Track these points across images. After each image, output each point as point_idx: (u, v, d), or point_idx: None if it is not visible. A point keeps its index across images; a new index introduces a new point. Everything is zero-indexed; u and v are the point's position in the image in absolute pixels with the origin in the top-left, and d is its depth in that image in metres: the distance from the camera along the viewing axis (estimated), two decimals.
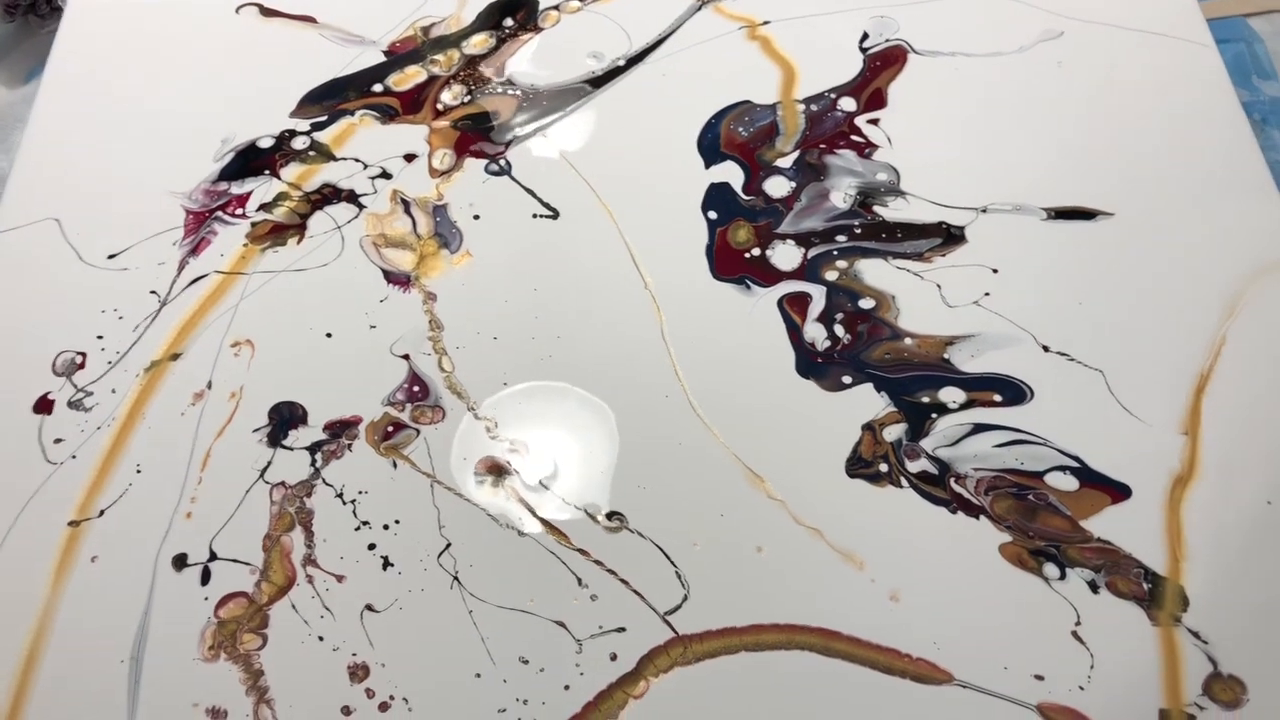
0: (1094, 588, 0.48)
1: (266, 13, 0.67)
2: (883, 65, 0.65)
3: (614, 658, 0.47)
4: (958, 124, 0.62)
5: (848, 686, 0.46)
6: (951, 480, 0.51)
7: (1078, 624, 0.47)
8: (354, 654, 0.46)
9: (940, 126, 0.62)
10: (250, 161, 0.60)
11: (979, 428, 0.52)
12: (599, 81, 0.64)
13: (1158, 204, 0.59)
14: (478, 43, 0.65)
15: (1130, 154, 0.61)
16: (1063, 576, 0.48)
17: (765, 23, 0.66)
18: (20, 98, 0.76)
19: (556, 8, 0.67)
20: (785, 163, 0.61)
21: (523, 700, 0.46)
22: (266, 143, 0.61)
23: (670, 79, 0.64)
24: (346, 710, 0.45)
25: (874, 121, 0.62)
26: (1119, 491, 0.51)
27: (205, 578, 0.48)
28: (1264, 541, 0.49)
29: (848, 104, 0.63)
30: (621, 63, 0.65)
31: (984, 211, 0.59)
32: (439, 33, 0.66)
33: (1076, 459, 0.51)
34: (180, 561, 0.49)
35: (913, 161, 0.61)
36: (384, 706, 0.45)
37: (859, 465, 0.51)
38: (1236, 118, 0.62)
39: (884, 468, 0.51)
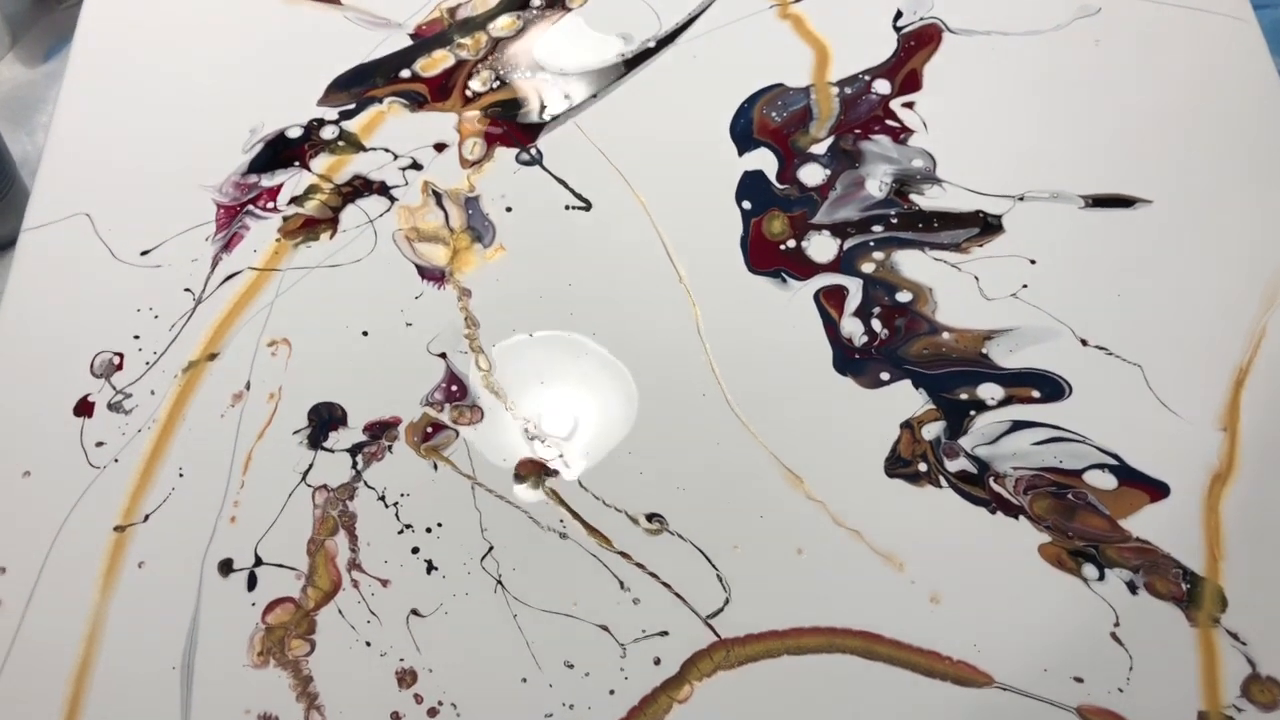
0: (1133, 588, 0.48)
1: None
2: (917, 45, 0.63)
3: (658, 662, 0.47)
4: (994, 106, 0.61)
5: (889, 690, 0.46)
6: (991, 479, 0.50)
7: (1116, 625, 0.47)
8: (401, 659, 0.47)
9: (976, 109, 0.61)
10: (280, 152, 0.60)
11: (1017, 425, 0.52)
12: (629, 64, 0.62)
13: (1196, 191, 0.58)
14: (505, 25, 0.64)
15: (1169, 138, 0.60)
16: (1101, 577, 0.48)
17: (797, 0, 0.64)
18: (41, 75, 0.75)
19: None
20: (820, 149, 0.60)
21: (569, 705, 0.46)
22: (295, 132, 0.60)
23: (701, 61, 0.63)
24: (396, 716, 0.46)
25: (909, 105, 0.61)
26: (1157, 490, 0.50)
27: (252, 583, 0.48)
28: None
29: (882, 86, 0.62)
30: (652, 44, 0.63)
31: (1021, 199, 0.58)
32: (465, 14, 0.64)
33: (1115, 456, 0.51)
34: (226, 567, 0.49)
35: (949, 146, 0.59)
36: (433, 712, 0.46)
37: (898, 464, 0.51)
38: (1276, 99, 0.60)
39: (923, 467, 0.51)
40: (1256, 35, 0.63)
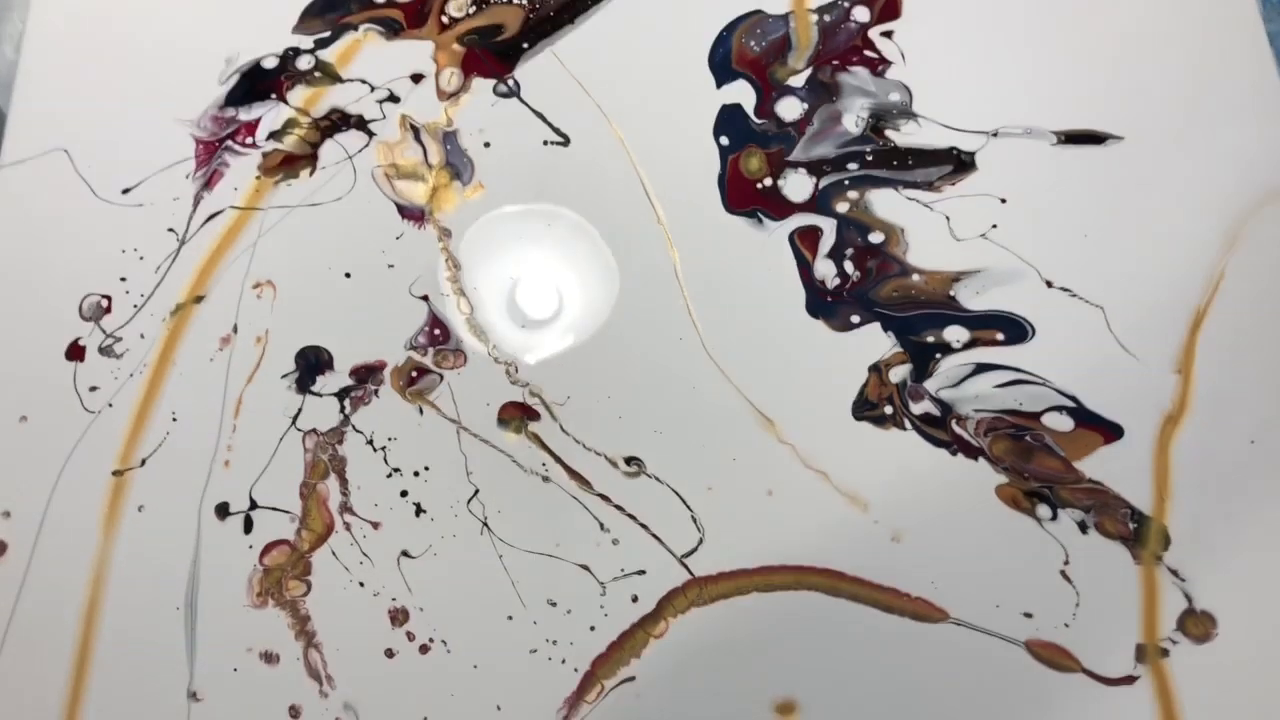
0: (1083, 528, 0.51)
1: None
2: None
3: (635, 599, 0.50)
4: (972, 35, 0.60)
5: (851, 625, 0.49)
6: (953, 422, 0.53)
7: (1066, 563, 0.50)
8: (394, 599, 0.49)
9: (955, 38, 0.60)
10: (256, 84, 0.59)
11: (981, 368, 0.54)
12: None
13: (1168, 127, 0.58)
14: None
15: (1146, 70, 0.60)
16: (1054, 517, 0.51)
17: None
18: None
19: None
20: (798, 81, 0.59)
21: (552, 641, 0.49)
22: (271, 63, 0.59)
23: None
24: (390, 653, 0.48)
25: (888, 34, 0.60)
26: (1111, 432, 0.52)
27: (248, 526, 0.50)
28: (1244, 481, 0.51)
29: (861, 13, 0.61)
30: None
31: (995, 135, 0.58)
32: None
33: (1073, 399, 0.53)
34: (223, 510, 0.51)
35: (926, 79, 0.59)
36: (424, 649, 0.49)
37: (865, 408, 0.53)
38: (1257, 33, 0.60)
39: (889, 410, 0.53)
40: None
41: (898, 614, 0.50)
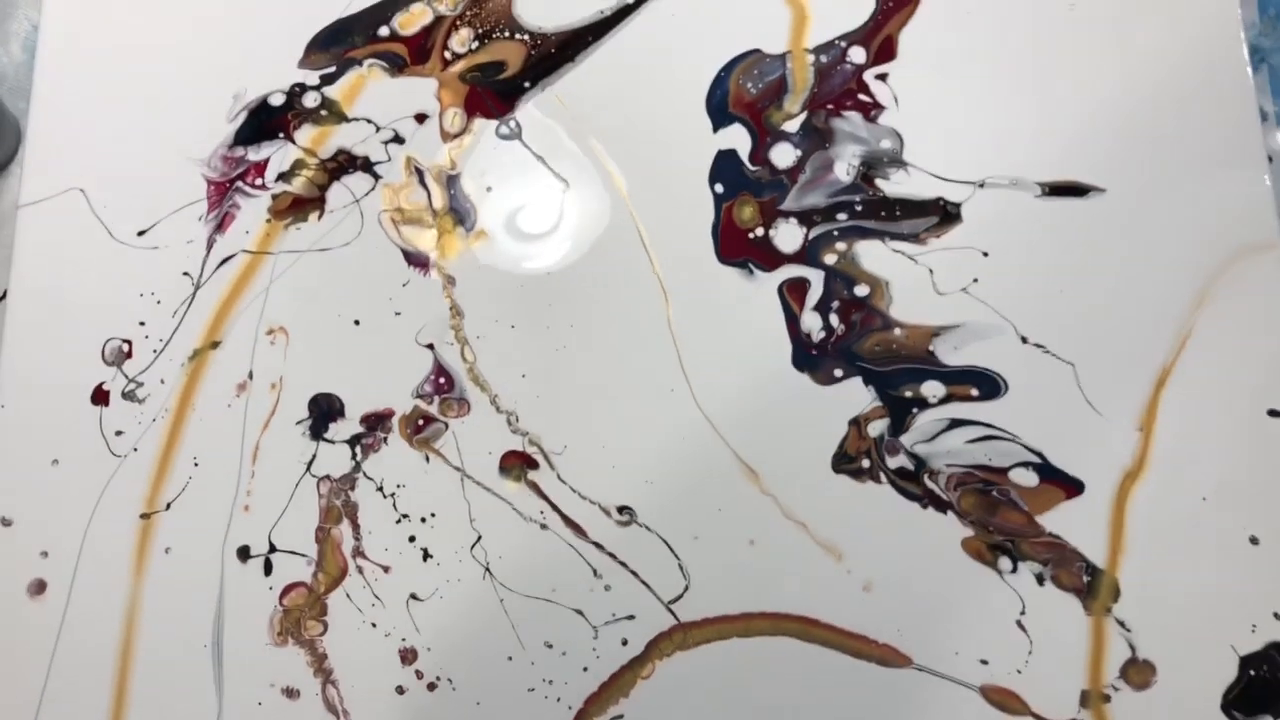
0: (1040, 580, 0.55)
1: None
2: (895, 6, 0.63)
3: (625, 643, 0.54)
4: (965, 79, 0.62)
5: (823, 669, 0.54)
6: (925, 476, 0.56)
7: (1022, 613, 0.54)
8: (403, 639, 0.54)
9: (947, 82, 0.61)
10: (264, 122, 0.60)
11: (955, 423, 0.57)
12: (608, 23, 0.62)
13: (1148, 179, 0.60)
14: None
15: (1131, 120, 0.61)
16: (1014, 569, 0.55)
17: None
18: None
19: None
20: (792, 126, 0.61)
21: (548, 681, 0.53)
22: (278, 100, 0.61)
23: (679, 20, 0.63)
24: (400, 690, 0.53)
25: (882, 77, 0.61)
26: (1074, 487, 0.56)
27: (268, 569, 0.54)
28: (1192, 536, 0.55)
29: (857, 54, 0.62)
30: (631, 0, 0.63)
31: (981, 186, 0.60)
32: None
33: (1040, 455, 0.56)
34: (244, 553, 0.54)
35: (918, 124, 0.61)
36: (432, 686, 0.53)
37: (844, 461, 0.56)
38: (1243, 83, 0.61)
39: (866, 463, 0.56)
40: (1232, 4, 0.63)
41: (865, 659, 0.54)
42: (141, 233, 0.58)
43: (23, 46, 0.73)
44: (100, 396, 0.56)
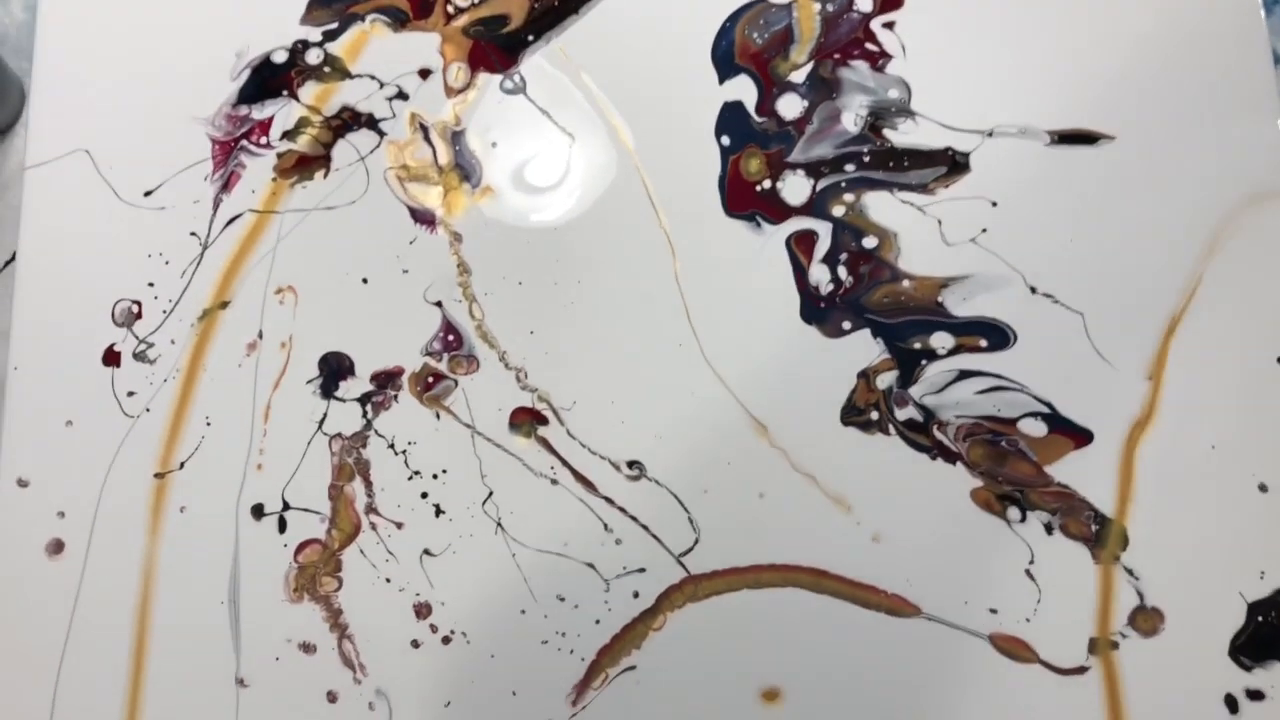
0: (1049, 529, 0.55)
1: None
2: None
3: (636, 595, 0.54)
4: (971, 29, 0.61)
5: (833, 619, 0.54)
6: (934, 428, 0.56)
7: (1031, 563, 0.54)
8: (417, 594, 0.54)
9: (954, 32, 0.60)
10: (267, 80, 0.60)
11: (964, 374, 0.56)
12: None
13: (1158, 127, 0.59)
14: None
15: (1143, 66, 0.60)
16: (1023, 519, 0.55)
17: None
18: None
19: None
20: (799, 77, 0.60)
21: (561, 634, 0.54)
22: (281, 56, 0.60)
23: None
24: (415, 644, 0.53)
25: (889, 25, 0.60)
26: (1083, 437, 0.56)
27: (282, 526, 0.54)
28: (1201, 484, 0.55)
29: (864, 2, 0.61)
30: None
31: (990, 135, 0.59)
32: None
33: (1049, 405, 0.56)
34: (258, 511, 0.55)
35: (925, 73, 0.60)
36: (446, 640, 0.53)
37: (853, 413, 0.56)
38: (1256, 28, 0.60)
39: (875, 415, 0.56)
40: None
41: (875, 609, 0.54)
42: (148, 193, 0.58)
43: (23, 6, 0.72)
44: (111, 358, 0.56)
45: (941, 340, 0.57)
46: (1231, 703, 0.53)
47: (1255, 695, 0.53)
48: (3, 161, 0.67)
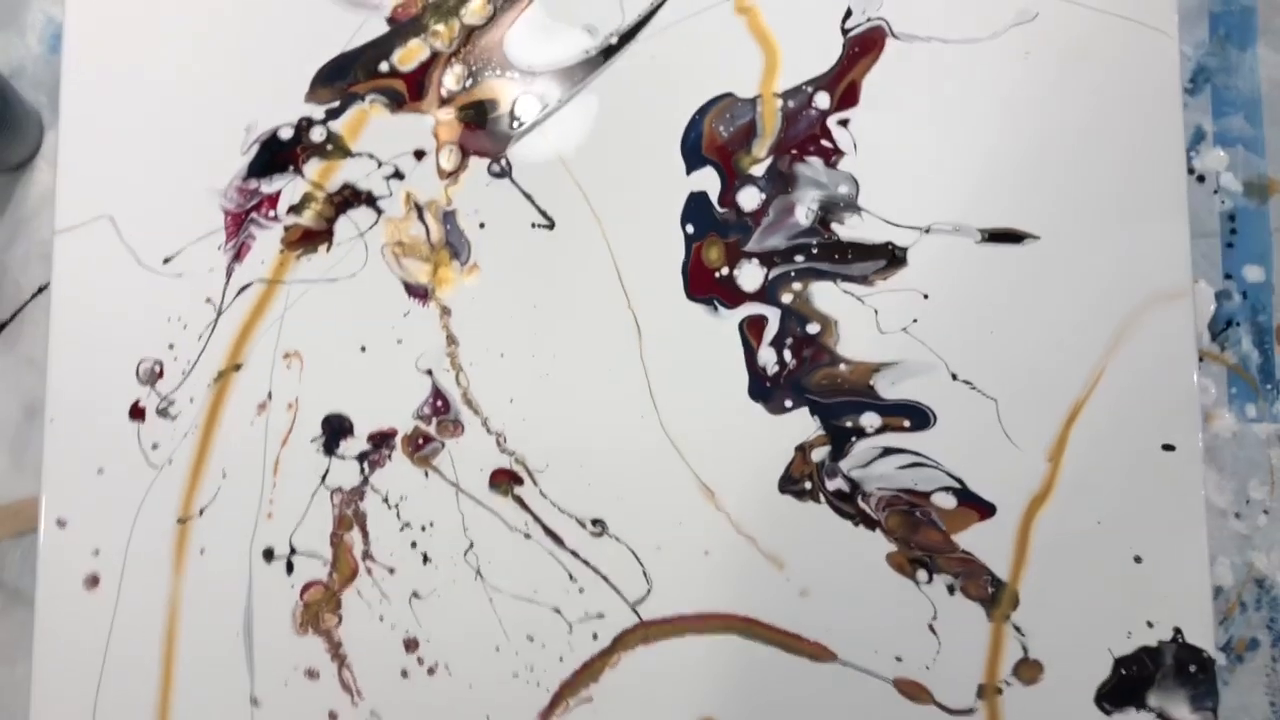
0: (951, 590, 0.63)
1: None
2: (861, 51, 0.67)
3: (595, 636, 0.62)
4: (920, 128, 0.66)
5: (763, 662, 0.62)
6: (859, 498, 0.64)
7: (934, 618, 0.63)
8: (407, 631, 0.62)
9: (903, 131, 0.66)
10: (274, 155, 0.65)
11: (888, 450, 0.64)
12: (593, 63, 0.66)
13: (1079, 229, 0.65)
14: (476, 9, 0.66)
15: (1068, 169, 0.66)
16: (930, 580, 0.63)
17: None
18: None
19: None
20: (759, 170, 0.65)
21: (530, 668, 0.62)
22: (287, 133, 0.65)
23: (659, 62, 0.66)
24: (404, 673, 0.62)
25: (844, 122, 0.66)
26: (987, 510, 0.64)
27: (289, 568, 0.62)
28: (1085, 555, 0.63)
29: (822, 100, 0.66)
30: (614, 40, 0.66)
31: (927, 232, 0.65)
32: None
33: (960, 481, 0.64)
34: (269, 555, 0.62)
35: (873, 170, 0.65)
36: (431, 671, 0.62)
37: (789, 483, 0.64)
38: (1172, 131, 0.66)
39: (809, 485, 0.64)
40: (1172, 55, 0.67)
41: (798, 655, 0.63)
42: (167, 260, 0.63)
43: (39, 40, 0.76)
44: (137, 413, 0.62)
45: (870, 420, 0.64)
46: None
47: None
48: (25, 193, 0.72)
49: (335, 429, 0.63)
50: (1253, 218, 0.71)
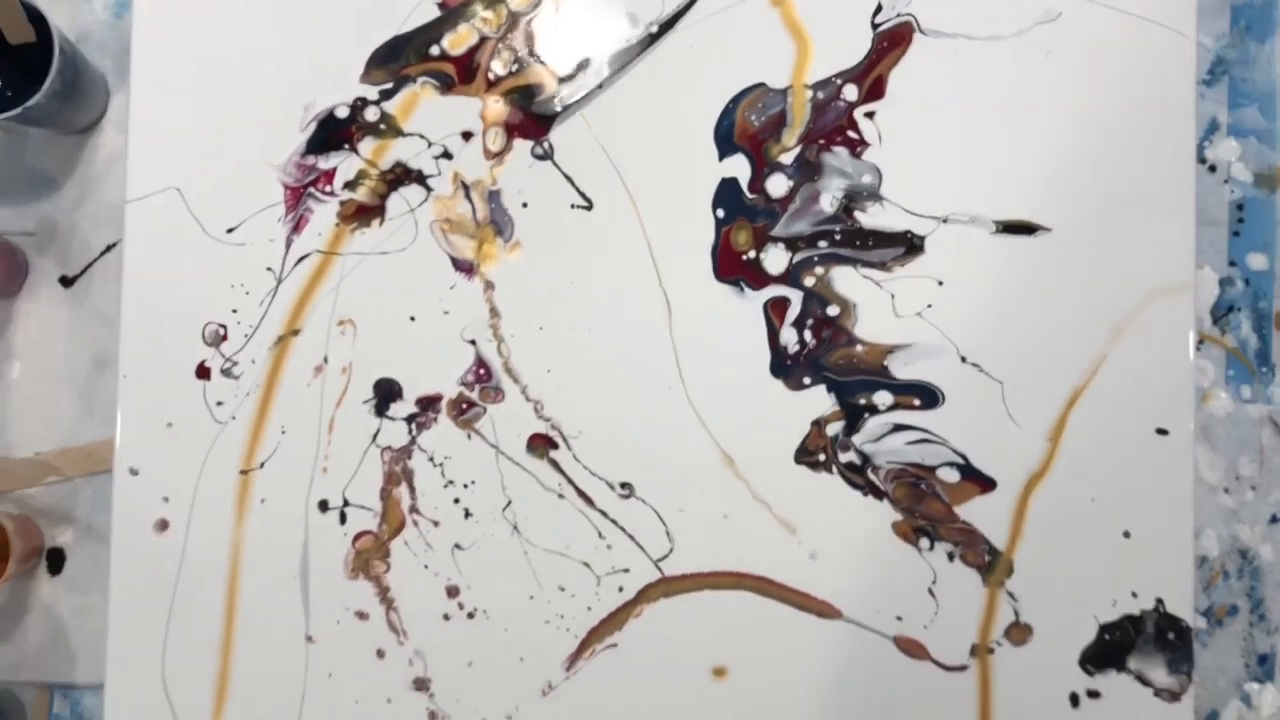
0: (951, 557, 0.68)
1: None
2: (889, 46, 0.69)
3: (620, 589, 0.68)
4: (943, 122, 0.69)
5: (774, 617, 0.68)
6: (869, 470, 0.68)
7: (934, 582, 0.68)
8: (449, 579, 0.68)
9: (927, 124, 0.69)
10: (331, 133, 0.69)
11: (898, 427, 0.68)
12: (632, 51, 0.69)
13: (1090, 222, 0.69)
14: None
15: (1082, 163, 0.69)
16: (931, 548, 0.68)
17: None
18: None
19: None
20: (787, 158, 0.69)
21: (560, 616, 0.68)
22: (343, 112, 0.69)
23: (696, 52, 0.69)
24: (446, 617, 0.67)
25: (870, 115, 0.69)
26: (988, 484, 0.68)
27: (343, 519, 0.67)
28: (1077, 529, 0.68)
29: (850, 92, 0.69)
30: (654, 29, 0.69)
31: (944, 221, 0.69)
32: None
33: (964, 456, 0.68)
34: (324, 506, 0.68)
35: (896, 161, 0.69)
36: (470, 615, 0.67)
37: (804, 454, 0.68)
38: (1185, 131, 0.69)
39: (822, 457, 0.68)
40: (1189, 56, 0.69)
41: (807, 611, 0.68)
42: (230, 230, 0.68)
43: (104, 5, 0.79)
44: (203, 372, 0.67)
45: (883, 398, 0.68)
46: (1074, 699, 0.67)
47: (1093, 694, 0.68)
48: (92, 155, 0.76)
49: (386, 392, 0.68)
50: (1261, 207, 0.74)
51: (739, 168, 0.69)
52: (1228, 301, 0.74)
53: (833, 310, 0.68)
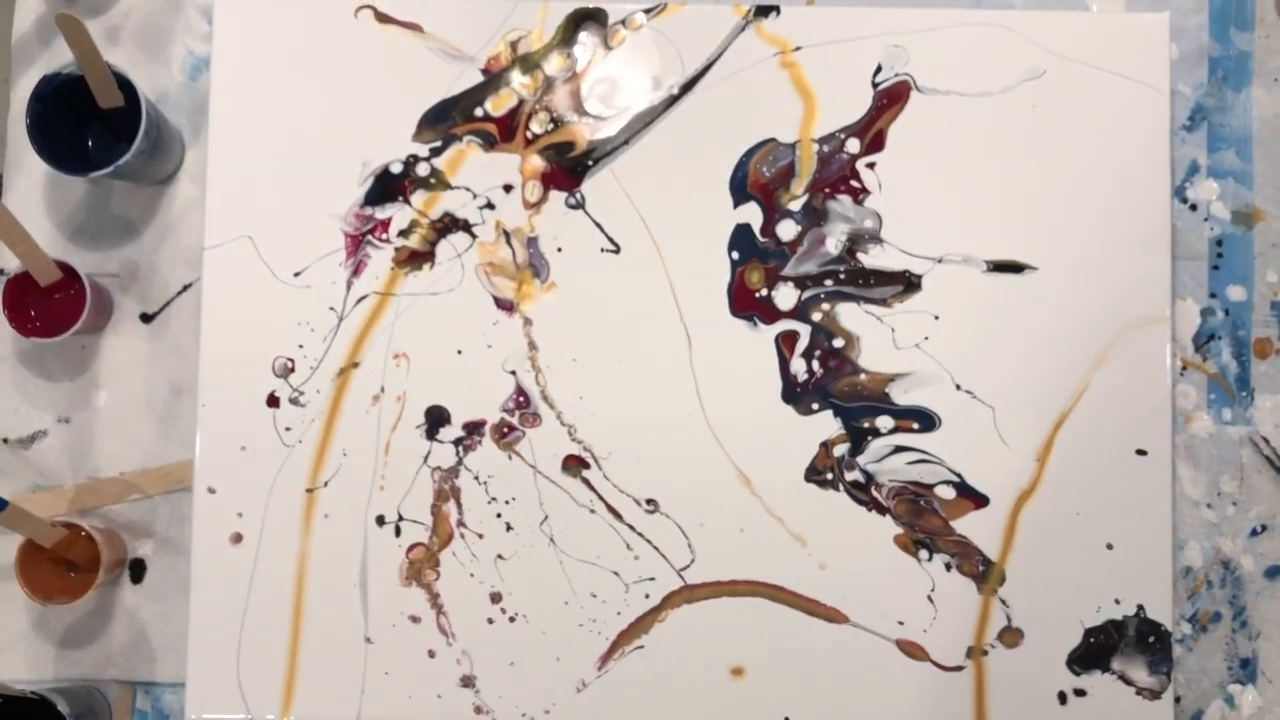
0: (948, 567, 0.74)
1: (381, 18, 0.77)
2: (888, 103, 0.76)
3: (647, 596, 0.74)
4: (938, 170, 0.76)
5: (786, 621, 0.74)
6: (873, 488, 0.75)
7: (932, 590, 0.74)
8: (493, 586, 0.74)
9: (923, 173, 0.75)
10: (386, 187, 0.76)
11: (899, 448, 0.75)
12: (656, 110, 0.76)
13: (1073, 261, 0.75)
14: (557, 64, 0.76)
15: (1067, 207, 0.75)
16: (930, 559, 0.74)
17: (798, 49, 0.76)
18: (166, 4, 0.85)
19: (623, 23, 0.76)
20: (796, 205, 0.76)
21: (593, 619, 0.74)
22: (397, 168, 0.76)
23: (713, 111, 0.76)
24: (490, 620, 0.74)
25: (871, 165, 0.76)
26: (981, 501, 0.74)
27: (397, 532, 0.75)
28: (1064, 541, 0.74)
29: (853, 145, 0.76)
30: (675, 90, 0.76)
31: (939, 261, 0.75)
32: (524, 49, 0.77)
33: (959, 475, 0.74)
34: (380, 520, 0.75)
35: (895, 207, 0.75)
36: (512, 619, 0.74)
37: (813, 474, 0.75)
38: (1161, 176, 0.75)
39: (830, 476, 0.75)
40: (1164, 109, 0.76)
41: (816, 616, 0.74)
42: (297, 274, 0.75)
43: (181, 69, 0.86)
44: (273, 401, 0.75)
45: (884, 422, 0.74)
46: (1062, 697, 0.73)
47: (1080, 693, 0.73)
48: (170, 204, 0.83)
49: (436, 418, 0.75)
50: (1238, 243, 0.79)
51: (752, 214, 0.75)
52: (1209, 330, 0.79)
53: (838, 342, 0.74)
